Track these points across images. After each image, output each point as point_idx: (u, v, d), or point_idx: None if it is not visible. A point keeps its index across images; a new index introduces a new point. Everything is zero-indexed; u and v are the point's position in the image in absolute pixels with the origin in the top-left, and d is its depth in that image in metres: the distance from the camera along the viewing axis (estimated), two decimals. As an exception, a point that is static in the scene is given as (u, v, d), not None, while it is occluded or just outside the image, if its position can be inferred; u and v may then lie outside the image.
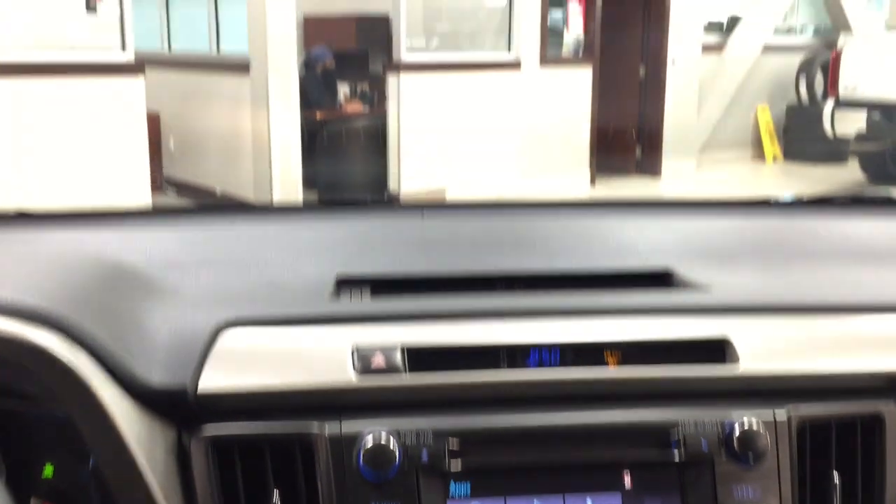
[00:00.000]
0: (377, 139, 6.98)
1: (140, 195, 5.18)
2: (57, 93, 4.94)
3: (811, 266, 1.15)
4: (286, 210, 1.43)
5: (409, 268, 1.11)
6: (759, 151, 9.59)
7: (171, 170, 7.38)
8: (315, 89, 7.37)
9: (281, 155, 6.27)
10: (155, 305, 0.94)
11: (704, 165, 8.90)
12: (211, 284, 1.03)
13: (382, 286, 1.06)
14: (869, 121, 7.44)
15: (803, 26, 10.78)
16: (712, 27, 9.76)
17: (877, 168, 8.13)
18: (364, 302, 1.02)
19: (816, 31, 10.49)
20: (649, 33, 8.40)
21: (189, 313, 0.93)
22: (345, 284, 1.06)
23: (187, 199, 7.08)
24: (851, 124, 7.54)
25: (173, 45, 7.45)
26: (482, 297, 1.03)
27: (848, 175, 8.42)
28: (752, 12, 9.69)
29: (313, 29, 8.36)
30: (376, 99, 7.82)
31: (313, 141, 6.84)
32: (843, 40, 7.96)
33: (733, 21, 9.92)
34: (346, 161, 6.99)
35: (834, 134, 7.71)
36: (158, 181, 6.75)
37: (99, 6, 4.98)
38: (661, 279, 1.10)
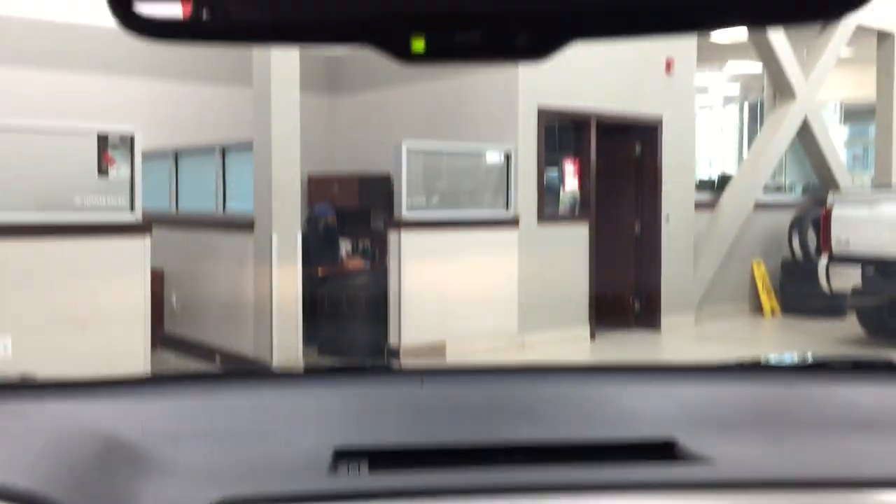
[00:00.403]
0: (378, 294, 7.05)
1: (140, 352, 5.18)
2: (63, 253, 5.03)
3: (813, 436, 1.15)
4: (284, 376, 1.43)
5: (408, 437, 1.11)
6: (756, 305, 9.65)
7: (173, 326, 7.41)
8: (317, 246, 7.52)
9: (282, 313, 6.32)
10: (149, 482, 0.93)
11: (703, 319, 8.94)
12: (206, 459, 1.02)
13: (381, 458, 1.05)
14: (864, 276, 7.54)
15: (792, 184, 11.14)
16: (704, 185, 10.08)
17: (875, 323, 8.16)
18: (362, 477, 1.01)
19: (805, 189, 10.82)
20: (642, 191, 8.65)
21: (182, 491, 0.92)
22: (342, 457, 1.05)
23: (187, 357, 7.07)
24: (847, 280, 7.63)
25: (181, 205, 7.65)
26: (481, 472, 1.02)
27: (847, 330, 8.44)
28: (741, 171, 10.03)
29: (317, 187, 8.63)
30: (377, 255, 7.96)
31: (315, 297, 6.90)
32: (831, 198, 8.19)
33: (724, 179, 10.26)
34: (346, 317, 7.02)
35: (830, 289, 7.79)
36: (159, 338, 6.76)
37: (110, 169, 5.17)
38: (664, 450, 1.09)
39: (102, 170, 5.15)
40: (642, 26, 0.61)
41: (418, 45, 0.58)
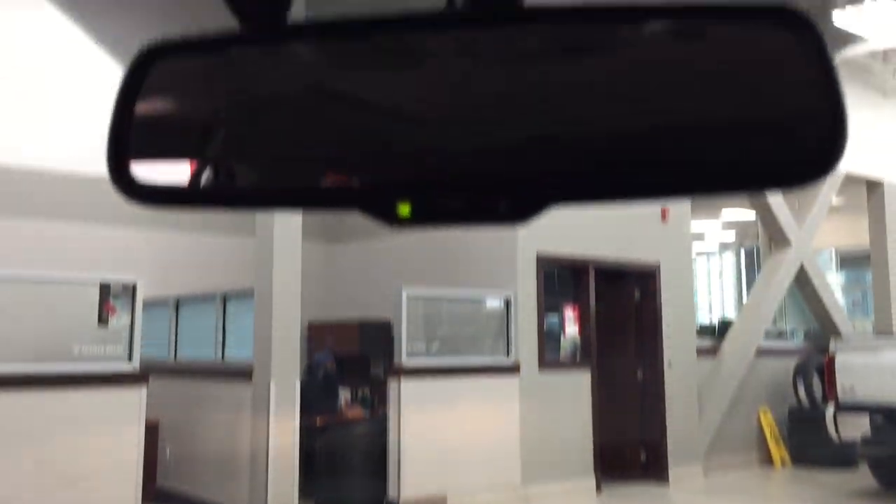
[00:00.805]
0: (377, 445, 6.87)
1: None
2: (58, 404, 4.94)
3: None
4: None
5: None
6: (765, 454, 9.41)
7: (166, 480, 7.18)
8: (316, 394, 7.40)
9: (278, 465, 6.14)
10: None
11: (712, 470, 8.68)
12: None
13: None
14: (873, 425, 7.38)
15: (793, 330, 11.10)
16: (704, 331, 10.05)
17: (888, 473, 7.92)
18: None
19: (806, 335, 10.78)
20: (643, 337, 8.61)
21: None
22: None
23: (178, 509, 6.81)
24: (855, 428, 7.47)
25: (179, 353, 7.59)
26: None
27: (860, 481, 8.18)
28: (742, 316, 10.02)
29: (317, 334, 8.59)
30: (377, 403, 7.83)
31: (313, 448, 6.73)
32: (833, 345, 8.15)
33: (724, 324, 10.24)
34: (344, 468, 6.82)
35: (839, 438, 7.61)
36: (151, 493, 6.53)
37: (111, 318, 5.16)
38: None
39: (103, 319, 5.14)
40: (617, 193, 0.64)
41: (404, 210, 0.62)
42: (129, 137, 0.66)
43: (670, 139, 0.63)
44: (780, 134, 0.62)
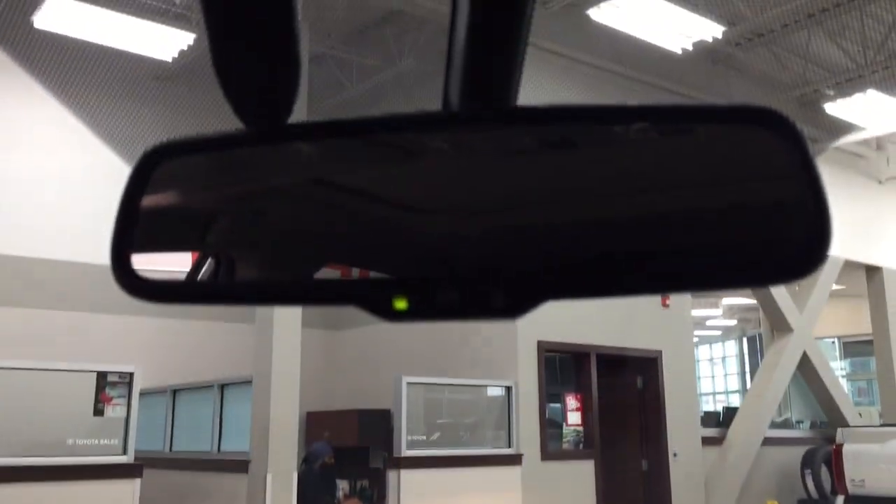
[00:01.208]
0: (375, 539, 6.69)
1: None
2: (47, 498, 4.83)
3: None
4: None
5: None
6: (775, 548, 9.14)
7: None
8: (313, 488, 7.24)
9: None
10: None
11: (720, 565, 8.42)
12: None
13: None
14: (885, 517, 7.20)
15: (799, 419, 10.94)
16: (709, 418, 9.90)
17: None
18: None
19: (812, 424, 10.61)
20: (647, 425, 8.48)
21: None
22: None
23: None
24: (867, 522, 7.28)
25: (175, 444, 7.47)
26: None
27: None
28: (746, 404, 9.89)
29: (315, 423, 8.46)
30: (376, 496, 7.65)
31: (308, 542, 6.54)
32: (841, 435, 8.01)
33: (729, 412, 10.09)
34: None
35: (852, 531, 7.41)
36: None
37: (106, 408, 5.09)
38: None
39: (98, 410, 5.08)
40: (611, 288, 0.65)
41: (401, 304, 0.63)
42: (132, 234, 0.67)
43: (658, 236, 0.65)
44: (766, 231, 0.63)
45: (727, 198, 0.64)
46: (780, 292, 9.64)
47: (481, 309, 0.64)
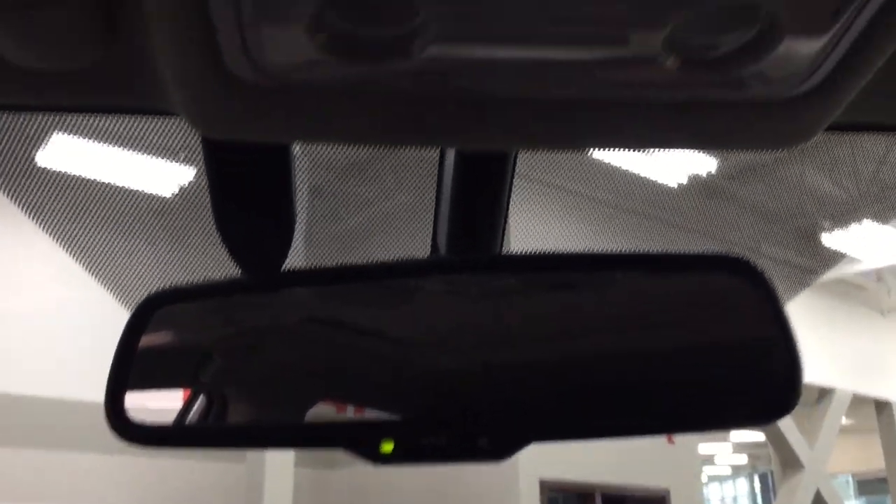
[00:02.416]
0: None
1: None
2: None
3: None
4: None
5: None
6: None
7: None
8: None
9: None
10: None
11: None
12: None
13: None
14: None
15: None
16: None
17: None
18: None
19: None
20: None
21: None
22: None
23: None
24: None
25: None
26: None
27: None
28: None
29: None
30: None
31: None
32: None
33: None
34: None
35: None
36: None
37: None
38: None
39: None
40: (595, 430, 0.69)
41: (387, 448, 0.64)
42: (126, 379, 0.69)
43: (637, 380, 0.67)
44: (742, 374, 0.66)
45: (701, 342, 0.68)
46: (788, 427, 9.39)
47: (467, 452, 0.65)
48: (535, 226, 7.12)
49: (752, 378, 0.66)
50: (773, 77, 0.43)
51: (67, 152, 6.01)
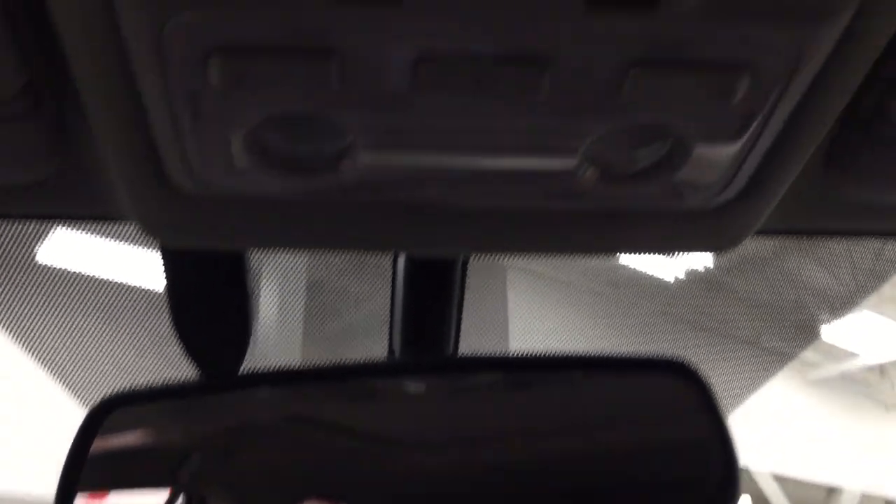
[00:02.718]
0: None
1: None
2: None
3: None
4: None
5: None
6: None
7: None
8: None
9: None
10: None
11: None
12: None
13: None
14: None
15: None
16: None
17: None
18: None
19: None
20: None
21: None
22: None
23: None
24: None
25: None
26: None
27: None
28: None
29: None
30: None
31: None
32: None
33: None
34: None
35: None
36: None
37: None
38: None
39: None
40: None
41: None
42: (78, 481, 0.69)
43: (577, 483, 0.68)
44: (680, 476, 0.67)
45: (644, 443, 0.69)
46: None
47: None
48: (532, 320, 7.11)
49: (691, 480, 0.67)
50: (690, 189, 0.44)
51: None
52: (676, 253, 0.51)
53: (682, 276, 7.49)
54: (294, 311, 4.60)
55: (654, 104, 0.39)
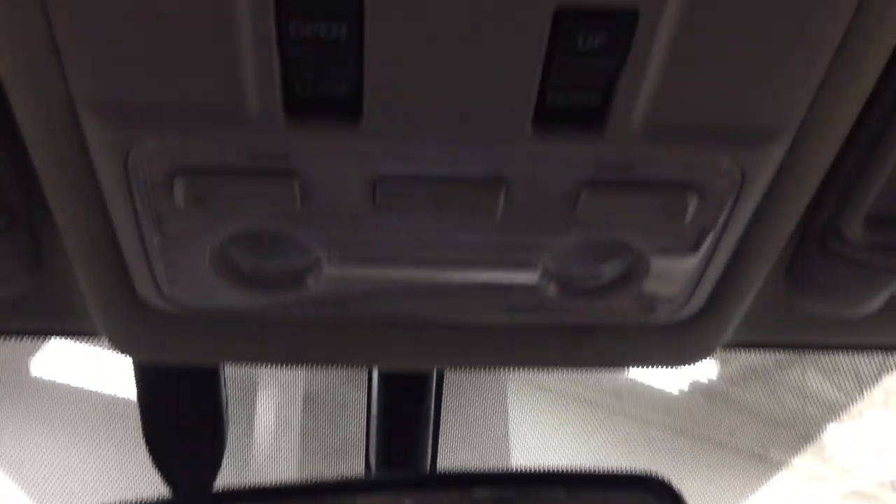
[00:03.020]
0: None
1: None
2: None
3: None
4: None
5: None
6: None
7: None
8: None
9: None
10: None
11: None
12: None
13: None
14: None
15: None
16: None
17: None
18: None
19: None
20: None
21: None
22: None
23: None
24: None
25: None
26: None
27: None
28: None
29: None
30: None
31: None
32: None
33: None
34: None
35: None
36: None
37: None
38: None
39: None
40: None
41: None
42: None
43: None
44: None
45: None
46: None
47: None
48: (533, 432, 6.98)
49: None
50: (653, 303, 0.45)
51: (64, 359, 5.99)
52: (644, 367, 0.51)
53: (685, 388, 7.40)
54: (291, 424, 4.52)
55: (608, 221, 0.40)
